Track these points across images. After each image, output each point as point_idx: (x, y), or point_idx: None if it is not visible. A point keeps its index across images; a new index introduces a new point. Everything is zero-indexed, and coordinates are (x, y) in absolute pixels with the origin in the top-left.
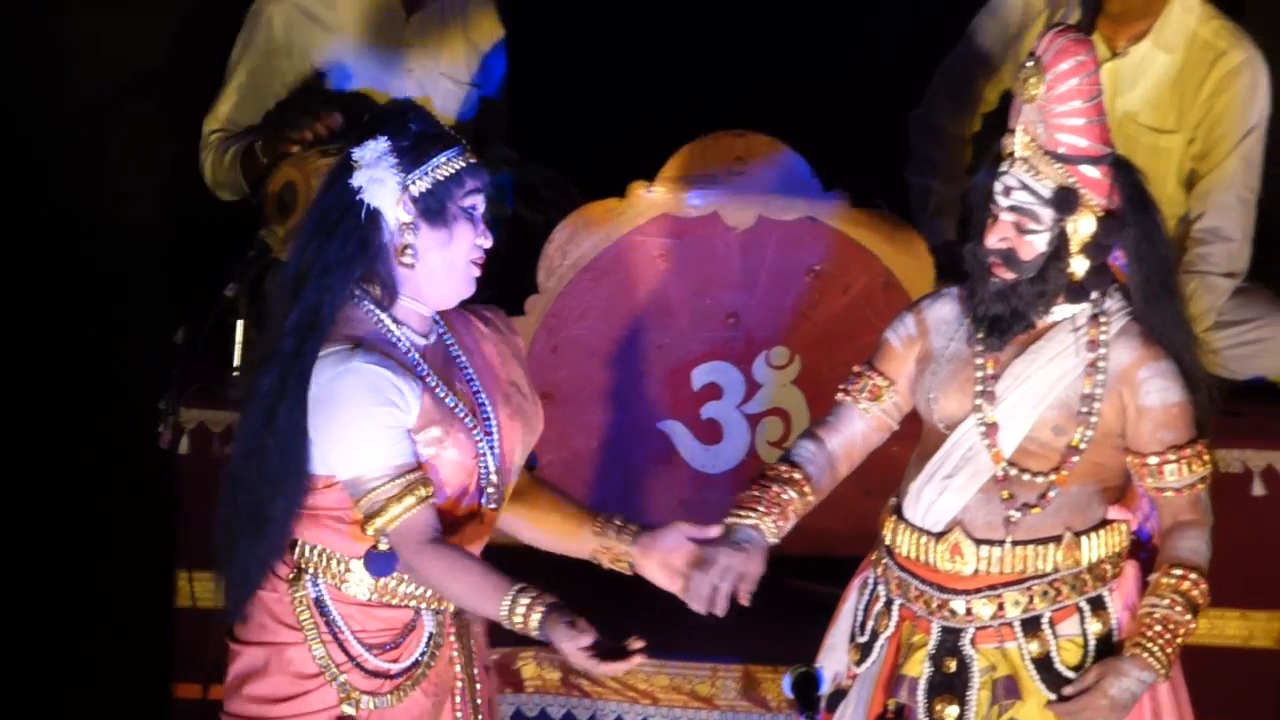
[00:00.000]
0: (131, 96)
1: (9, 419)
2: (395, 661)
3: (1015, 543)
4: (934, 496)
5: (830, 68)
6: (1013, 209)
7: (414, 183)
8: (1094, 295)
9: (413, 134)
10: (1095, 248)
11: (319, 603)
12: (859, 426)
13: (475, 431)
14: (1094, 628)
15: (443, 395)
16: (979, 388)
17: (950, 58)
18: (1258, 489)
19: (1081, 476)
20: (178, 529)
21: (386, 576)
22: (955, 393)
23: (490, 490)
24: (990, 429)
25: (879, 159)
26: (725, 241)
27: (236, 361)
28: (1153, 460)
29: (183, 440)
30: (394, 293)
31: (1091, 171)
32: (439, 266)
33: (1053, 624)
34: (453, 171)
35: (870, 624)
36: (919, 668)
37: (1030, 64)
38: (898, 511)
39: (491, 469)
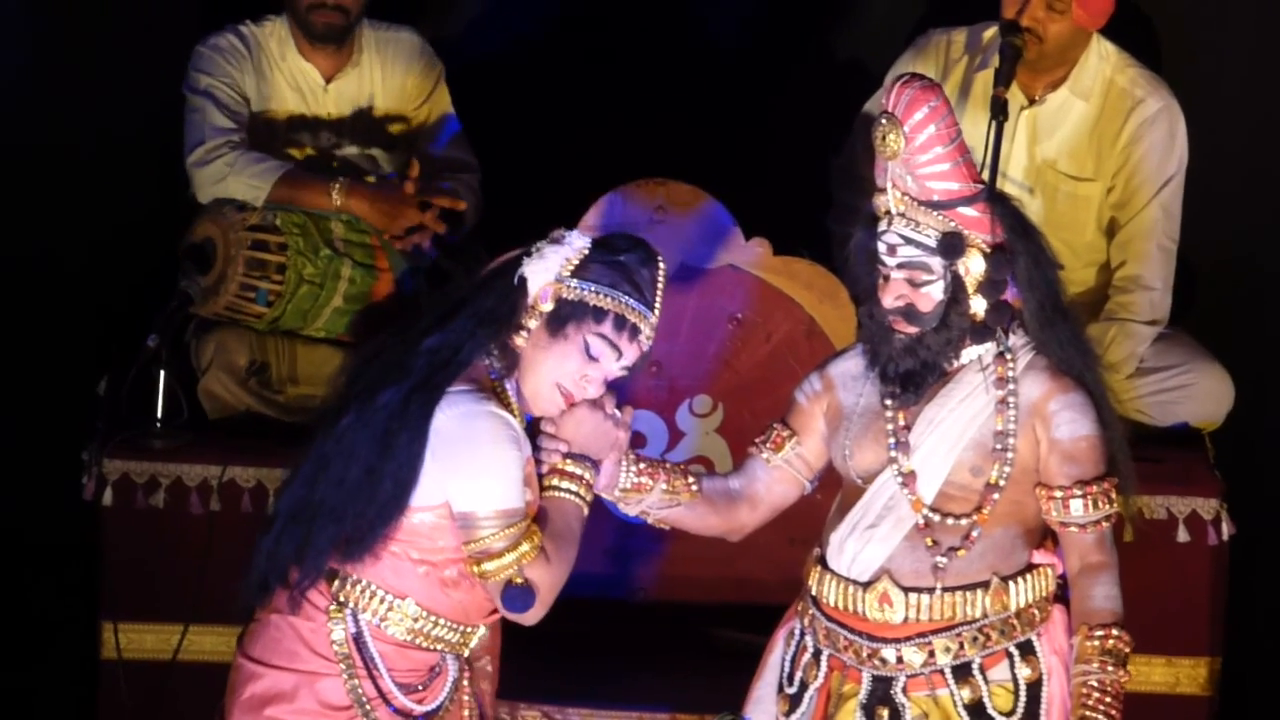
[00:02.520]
0: (58, 142)
1: None
2: (420, 703)
3: (944, 589)
4: (858, 547)
5: (750, 115)
6: (901, 265)
7: (569, 285)
8: (998, 332)
9: (614, 260)
10: (990, 284)
11: (358, 638)
12: (761, 475)
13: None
14: (1024, 672)
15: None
16: (892, 439)
17: (870, 104)
18: (1182, 535)
19: (1003, 518)
20: (102, 580)
21: (524, 611)
22: (870, 445)
23: None
24: (908, 478)
25: (800, 207)
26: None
27: (158, 412)
28: (1059, 494)
29: (106, 491)
30: (514, 365)
31: (969, 211)
32: (531, 366)
33: (983, 670)
34: (603, 308)
35: (799, 675)
36: (851, 717)
37: (884, 121)
38: (822, 562)
39: None
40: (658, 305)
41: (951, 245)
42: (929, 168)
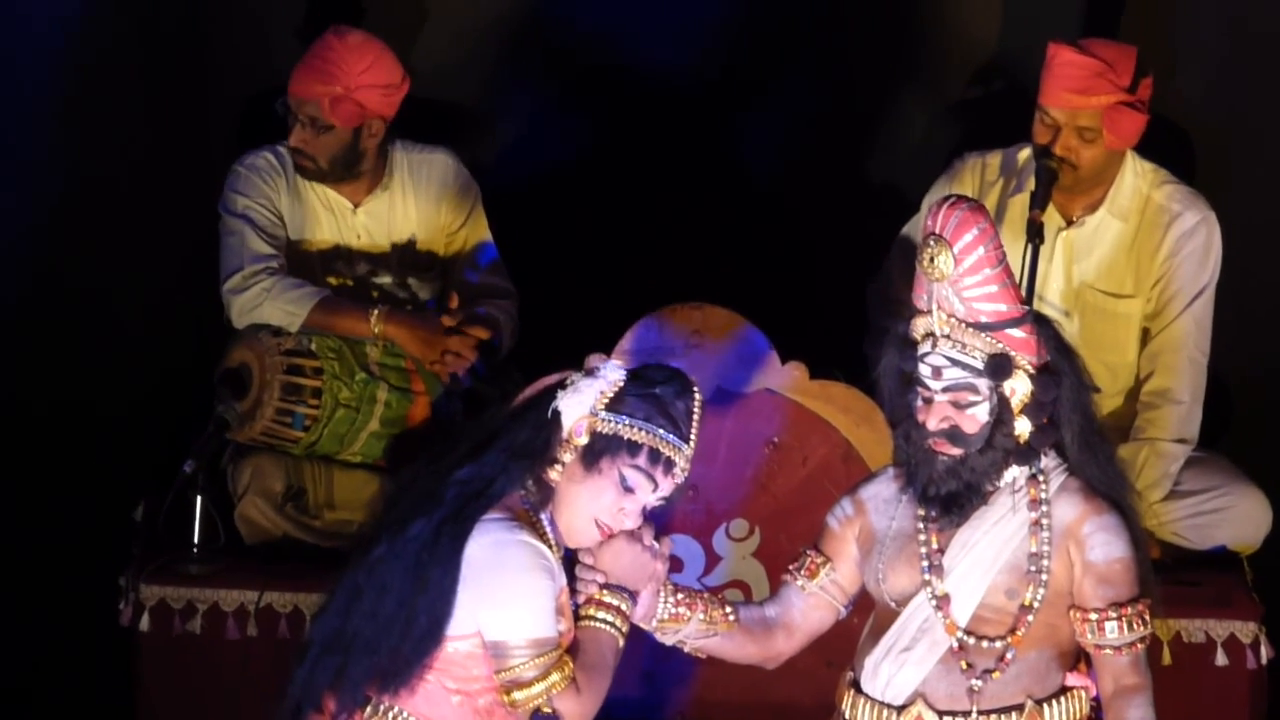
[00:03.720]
0: (92, 270)
1: None
2: None
3: (979, 713)
4: (893, 671)
5: (785, 240)
6: (947, 388)
7: (603, 419)
8: (1040, 454)
9: (649, 393)
10: (1037, 405)
11: None
12: (796, 602)
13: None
14: None
15: (568, 593)
16: (926, 563)
17: (906, 228)
18: (1220, 659)
19: (1037, 640)
20: (139, 706)
21: None
22: (903, 569)
23: None
24: (942, 601)
25: (836, 330)
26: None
27: (195, 538)
28: (1094, 616)
29: (143, 617)
30: (548, 497)
31: (1016, 333)
32: (567, 499)
33: None
34: (638, 441)
35: None
36: None
37: (932, 243)
38: (855, 685)
39: None
40: (693, 437)
41: (1000, 367)
42: (977, 289)
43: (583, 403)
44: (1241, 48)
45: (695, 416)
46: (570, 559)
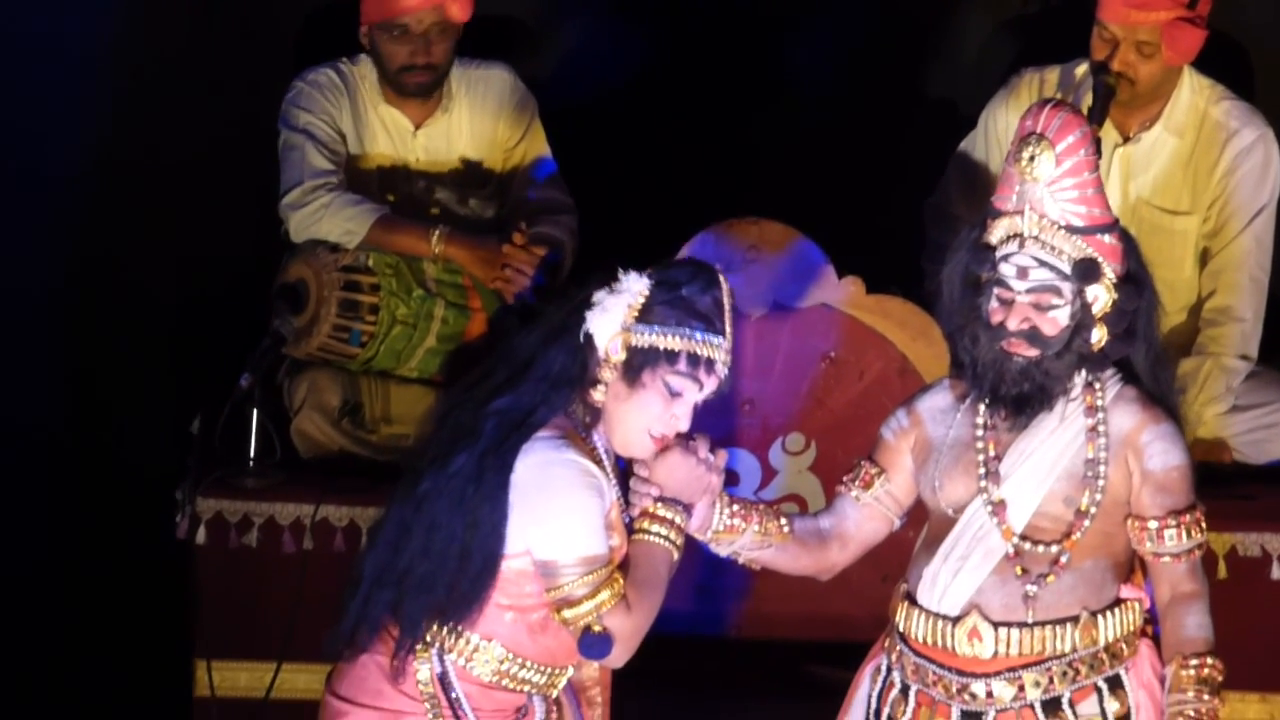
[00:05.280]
0: (152, 183)
1: (26, 510)
2: None
3: (1035, 623)
4: (949, 579)
5: (842, 155)
6: (1032, 289)
7: (636, 332)
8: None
9: (676, 297)
10: (1119, 314)
11: (443, 678)
12: (850, 513)
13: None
14: (1112, 707)
15: (622, 509)
16: (983, 469)
17: (964, 144)
18: (1276, 572)
19: (1092, 550)
20: (195, 619)
21: (601, 658)
22: (960, 477)
23: None
24: (998, 507)
25: (894, 245)
26: (740, 328)
27: (251, 452)
28: (1153, 524)
29: (199, 530)
30: (596, 417)
31: (1106, 239)
32: (616, 417)
33: (1072, 704)
34: (675, 349)
35: (886, 710)
36: None
37: (1034, 143)
38: (909, 597)
39: None
40: (728, 329)
41: (1088, 271)
42: (1074, 192)
43: (613, 320)
44: None
45: (726, 306)
46: (625, 472)
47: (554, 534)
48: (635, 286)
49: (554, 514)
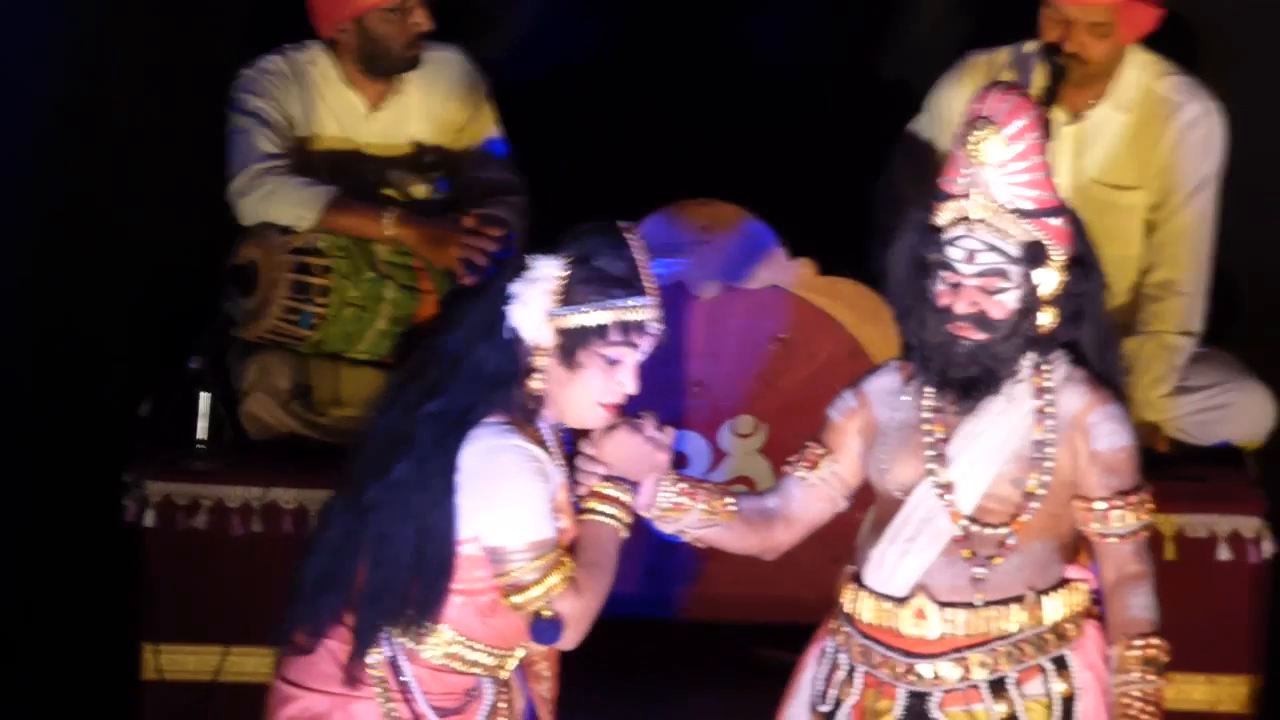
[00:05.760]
0: (100, 163)
1: None
2: None
3: (982, 604)
4: (896, 561)
5: (793, 137)
6: (980, 273)
7: (561, 316)
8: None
9: (591, 270)
10: (1066, 297)
11: (392, 662)
12: (797, 493)
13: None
14: (1058, 688)
15: (569, 490)
16: (930, 452)
17: (912, 127)
18: (1224, 554)
19: (1039, 531)
20: (143, 602)
21: (551, 643)
22: (908, 458)
23: None
24: (946, 489)
25: (843, 227)
26: (691, 310)
27: (201, 434)
28: (1100, 505)
29: (148, 513)
30: (539, 404)
31: (1054, 222)
32: (562, 400)
33: (1018, 685)
34: (603, 323)
35: (832, 692)
36: None
37: (982, 126)
38: (857, 579)
39: None
40: (648, 284)
41: (1036, 254)
42: (1024, 175)
43: (536, 310)
44: None
45: (641, 261)
46: (573, 452)
47: (502, 520)
48: (549, 271)
49: (501, 500)
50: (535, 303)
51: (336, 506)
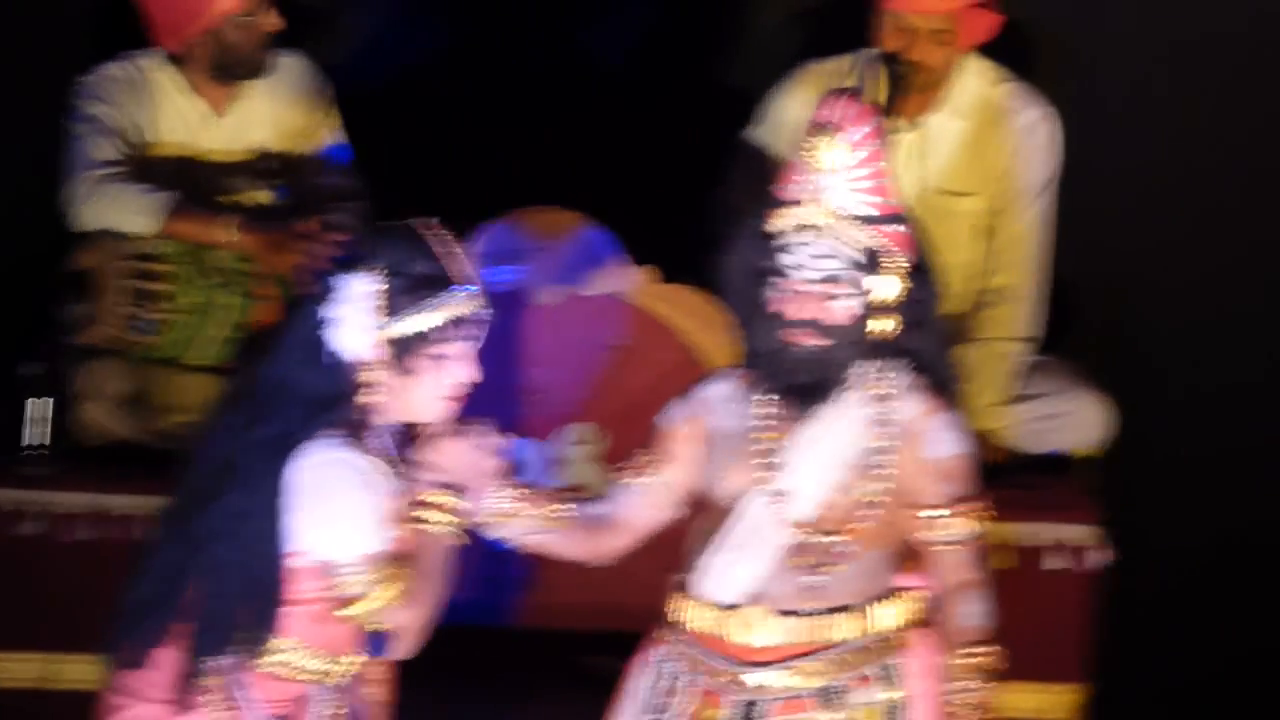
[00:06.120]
0: None
1: None
2: None
3: (814, 612)
4: (727, 569)
5: (633, 145)
6: (819, 279)
7: (386, 328)
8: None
9: (404, 277)
10: (906, 304)
11: (223, 672)
12: (629, 500)
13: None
14: (889, 696)
15: (402, 498)
16: (764, 460)
17: (749, 135)
18: (1056, 563)
19: (874, 538)
20: None
21: (385, 655)
22: (742, 467)
23: None
24: (779, 497)
25: (684, 235)
26: (530, 317)
27: (33, 440)
28: (934, 513)
29: None
30: (368, 422)
31: (895, 229)
32: (405, 404)
33: (849, 694)
34: (432, 326)
35: (662, 701)
36: None
37: (824, 134)
38: (688, 588)
39: None
40: (463, 274)
41: (876, 261)
42: (866, 182)
43: (359, 329)
44: None
45: (448, 255)
46: (405, 460)
47: (332, 534)
48: (364, 288)
49: (331, 514)
50: (357, 321)
51: (165, 533)
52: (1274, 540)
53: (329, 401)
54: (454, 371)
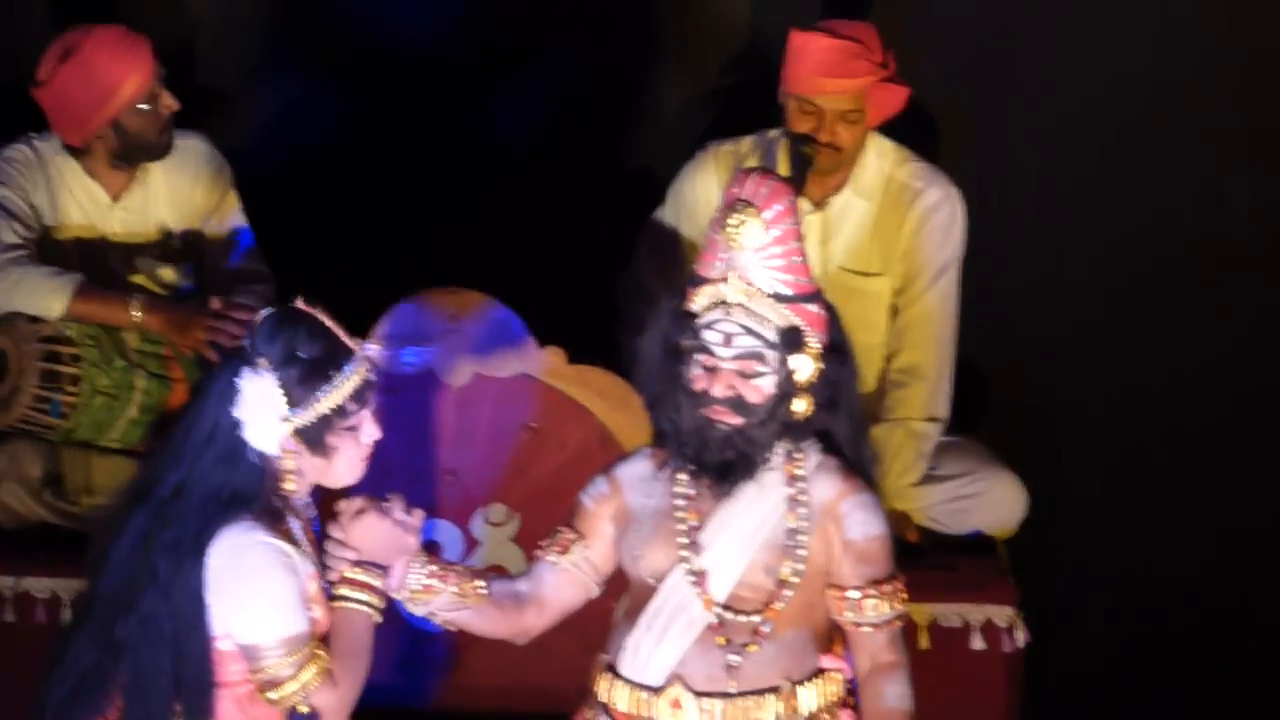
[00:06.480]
0: None
1: None
2: None
3: (737, 693)
4: (651, 649)
5: (540, 226)
6: (737, 356)
7: (295, 417)
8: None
9: (301, 362)
10: (822, 384)
11: None
12: (548, 578)
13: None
14: None
15: (321, 578)
16: (684, 539)
17: (654, 215)
18: (977, 643)
19: (794, 619)
20: None
21: None
22: (660, 546)
23: None
24: (700, 576)
25: (593, 316)
26: (441, 398)
27: None
28: (853, 594)
29: None
30: (283, 506)
31: (811, 308)
32: (323, 478)
33: None
34: (336, 405)
35: None
36: None
37: (739, 211)
38: (611, 668)
39: None
40: (348, 344)
41: (793, 340)
42: (781, 260)
43: (268, 422)
44: (982, 23)
45: (330, 330)
46: (322, 537)
47: (252, 618)
48: (263, 386)
49: (250, 598)
50: (266, 418)
51: (83, 635)
52: (1188, 613)
53: (244, 498)
54: (365, 434)
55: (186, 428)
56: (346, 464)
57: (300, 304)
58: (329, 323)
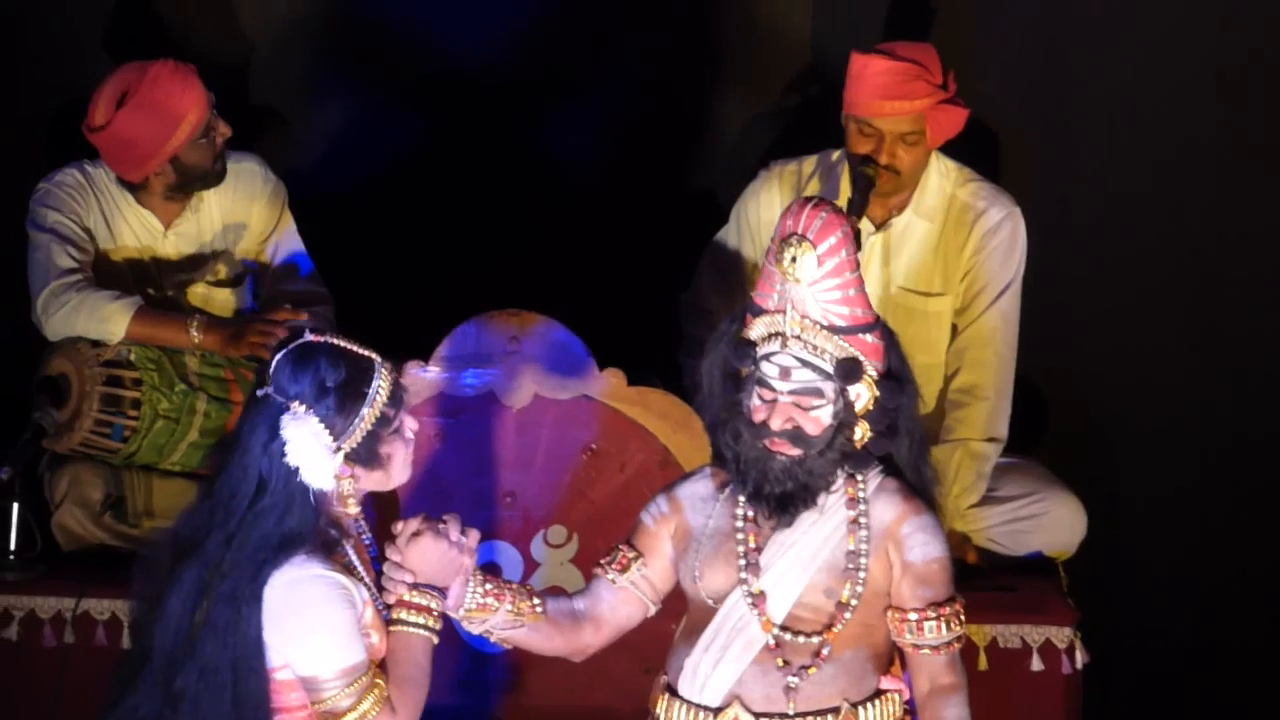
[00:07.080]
0: None
1: None
2: None
3: (796, 714)
4: (709, 670)
5: (603, 248)
6: (795, 390)
7: (344, 445)
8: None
9: (333, 391)
10: (880, 411)
11: None
12: (606, 596)
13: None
14: None
15: (377, 600)
16: (743, 560)
17: (717, 237)
18: (1036, 664)
19: (853, 640)
20: None
21: None
22: (720, 567)
23: None
24: (758, 598)
25: (654, 337)
26: (501, 421)
27: (13, 545)
28: (913, 616)
29: None
30: (338, 537)
31: (868, 338)
32: (380, 486)
33: None
34: (379, 418)
35: None
36: None
37: (795, 243)
38: (670, 689)
39: None
40: (367, 354)
41: (850, 371)
42: (836, 293)
43: (321, 460)
44: (1044, 42)
45: (345, 347)
46: (380, 560)
47: (311, 651)
48: (307, 428)
49: (308, 632)
50: (317, 457)
51: (140, 685)
52: (1246, 635)
53: (298, 539)
54: (408, 429)
55: (230, 481)
56: (400, 464)
57: (309, 336)
58: (340, 342)
